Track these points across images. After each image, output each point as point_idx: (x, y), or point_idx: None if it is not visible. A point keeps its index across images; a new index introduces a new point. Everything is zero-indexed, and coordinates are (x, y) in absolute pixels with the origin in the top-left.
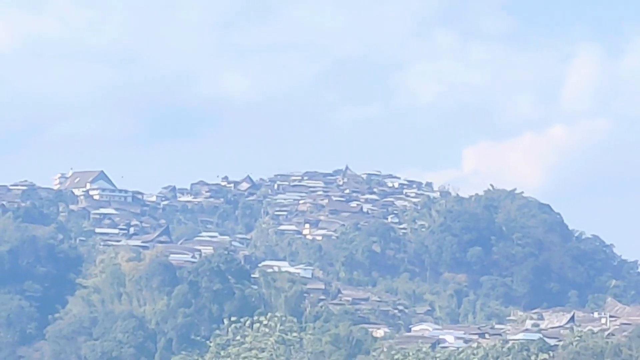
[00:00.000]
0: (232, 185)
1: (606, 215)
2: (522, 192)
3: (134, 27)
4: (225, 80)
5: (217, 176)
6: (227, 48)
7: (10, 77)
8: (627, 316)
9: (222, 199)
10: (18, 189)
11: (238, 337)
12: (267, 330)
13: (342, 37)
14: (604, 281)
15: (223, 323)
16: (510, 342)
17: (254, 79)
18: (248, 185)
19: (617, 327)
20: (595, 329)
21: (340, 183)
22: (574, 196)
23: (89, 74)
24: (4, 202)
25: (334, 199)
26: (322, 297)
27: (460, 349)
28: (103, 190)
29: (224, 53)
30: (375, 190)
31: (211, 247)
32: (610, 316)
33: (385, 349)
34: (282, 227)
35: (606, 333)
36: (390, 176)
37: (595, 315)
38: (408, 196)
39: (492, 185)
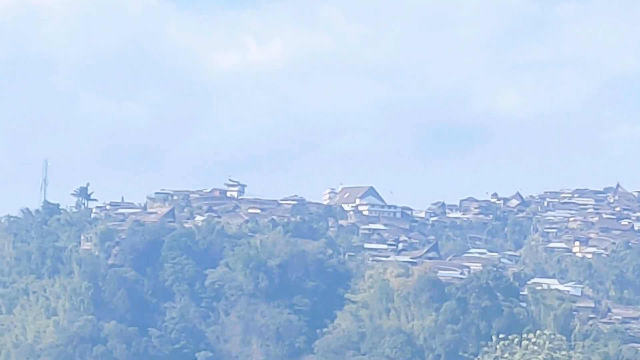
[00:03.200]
0: (501, 202)
1: None
2: None
3: (408, 42)
4: (498, 97)
5: (487, 193)
6: (501, 65)
7: (284, 92)
8: None
9: (491, 216)
10: (288, 204)
11: (506, 355)
12: (535, 348)
13: (618, 54)
14: None
15: (491, 340)
16: None
17: (528, 95)
18: (517, 202)
19: None
20: None
21: (611, 201)
22: None
23: (363, 89)
24: (275, 217)
25: (605, 216)
26: (592, 315)
27: None
28: (372, 205)
29: (498, 70)
30: None
31: (480, 264)
32: None
33: None
34: (551, 245)
35: None
36: None
37: None
38: None
39: None
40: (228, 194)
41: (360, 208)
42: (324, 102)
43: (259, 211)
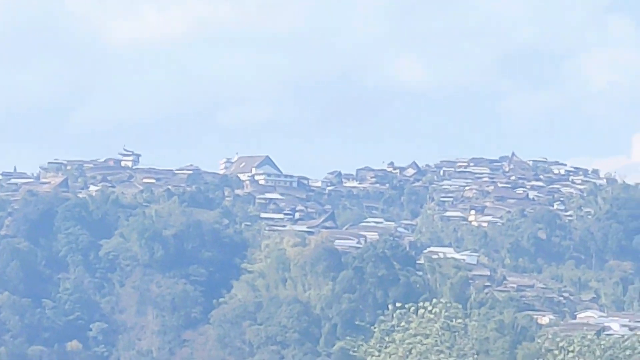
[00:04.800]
0: (397, 171)
1: None
2: None
3: (306, 13)
4: (398, 68)
5: (383, 162)
6: (401, 35)
7: (182, 61)
8: None
9: (387, 185)
10: (184, 174)
11: (403, 323)
12: (431, 316)
13: (517, 26)
14: None
15: (387, 309)
16: None
17: (428, 66)
18: (414, 171)
19: None
20: None
21: (507, 170)
22: None
23: (263, 59)
24: (170, 187)
25: (500, 185)
26: (487, 283)
27: (625, 337)
28: (269, 175)
29: (398, 40)
30: (541, 177)
31: (376, 233)
32: None
33: (549, 336)
34: (447, 214)
35: None
36: (557, 163)
37: None
38: (574, 183)
39: None
40: (122, 163)
41: (256, 178)
42: (222, 72)
43: (154, 181)
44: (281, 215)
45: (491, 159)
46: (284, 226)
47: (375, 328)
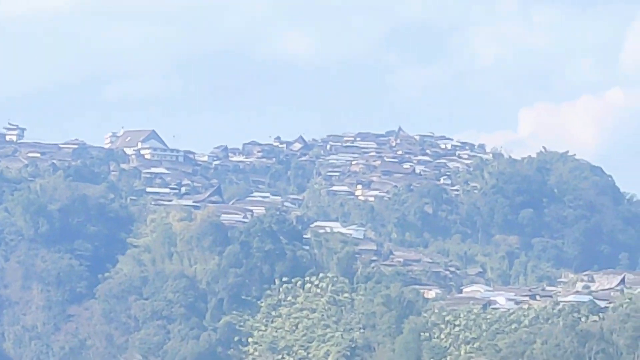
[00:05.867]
0: (284, 145)
1: None
2: (575, 155)
3: None
4: (287, 41)
5: (270, 136)
6: (290, 9)
7: (67, 35)
8: None
9: (274, 159)
10: (69, 148)
11: (289, 298)
12: (318, 290)
13: (405, 0)
14: None
15: (274, 283)
16: (561, 304)
17: (316, 39)
18: (300, 146)
19: None
20: None
21: (393, 144)
22: (628, 159)
23: (147, 33)
24: (55, 161)
25: (387, 160)
26: (374, 258)
27: (511, 311)
28: (154, 149)
29: (287, 14)
30: (428, 151)
31: (263, 208)
32: None
33: (436, 310)
34: (334, 188)
35: None
36: (443, 138)
37: None
38: (461, 158)
39: (544, 148)
40: (7, 137)
41: (142, 152)
42: (108, 45)
43: (39, 155)
44: (167, 190)
45: (378, 134)
46: (170, 200)
47: (261, 303)
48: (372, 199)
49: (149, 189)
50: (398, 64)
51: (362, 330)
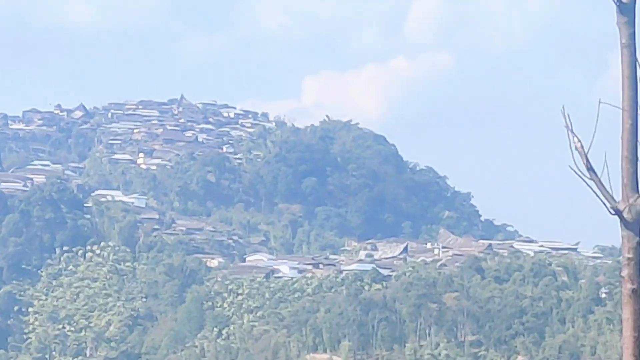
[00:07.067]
0: (65, 113)
1: (441, 147)
2: (358, 124)
3: None
4: (68, 8)
5: (50, 104)
6: None
7: None
8: (459, 247)
9: (54, 127)
10: None
11: (70, 267)
12: (99, 260)
13: None
14: (437, 212)
15: (55, 253)
16: (344, 272)
17: (99, 6)
18: (82, 114)
19: (449, 257)
20: (428, 260)
21: (176, 112)
22: (412, 128)
23: None
24: None
25: (169, 128)
26: (156, 226)
27: (294, 279)
28: None
29: None
30: (210, 120)
31: (43, 176)
32: (443, 247)
33: (219, 279)
34: (116, 156)
35: (439, 264)
36: (226, 106)
37: (428, 246)
38: (244, 126)
39: (327, 116)
40: None
41: None
42: None
43: None
44: None
45: (160, 102)
46: None
47: (42, 272)
48: (154, 167)
49: None
50: (182, 32)
51: (144, 300)
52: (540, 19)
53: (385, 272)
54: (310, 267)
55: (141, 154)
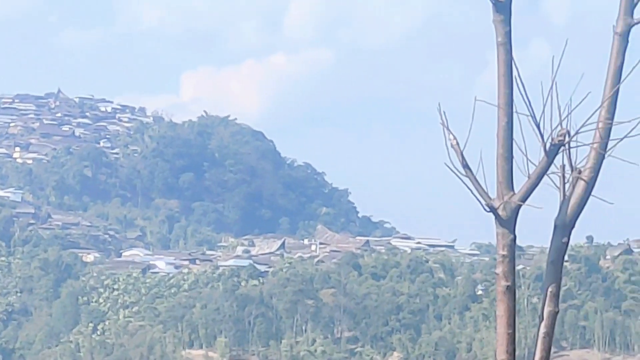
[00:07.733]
0: None
1: (320, 144)
2: (236, 119)
3: None
4: None
5: None
6: None
7: None
8: (337, 243)
9: None
10: None
11: None
12: None
13: None
14: (315, 208)
15: None
16: (221, 268)
17: None
18: None
19: (326, 254)
20: (306, 256)
21: (53, 106)
22: (291, 125)
23: None
24: None
25: (46, 122)
26: (32, 221)
27: (170, 275)
28: None
29: None
30: (87, 114)
31: None
32: (320, 243)
33: (95, 274)
34: None
35: (316, 260)
36: (104, 100)
37: (306, 242)
38: (121, 121)
39: (205, 112)
40: None
41: None
42: None
43: None
44: None
45: (37, 95)
46: None
47: None
48: (30, 161)
49: None
50: (60, 26)
51: (19, 294)
52: (421, 15)
53: (262, 268)
54: (186, 262)
55: (17, 148)
